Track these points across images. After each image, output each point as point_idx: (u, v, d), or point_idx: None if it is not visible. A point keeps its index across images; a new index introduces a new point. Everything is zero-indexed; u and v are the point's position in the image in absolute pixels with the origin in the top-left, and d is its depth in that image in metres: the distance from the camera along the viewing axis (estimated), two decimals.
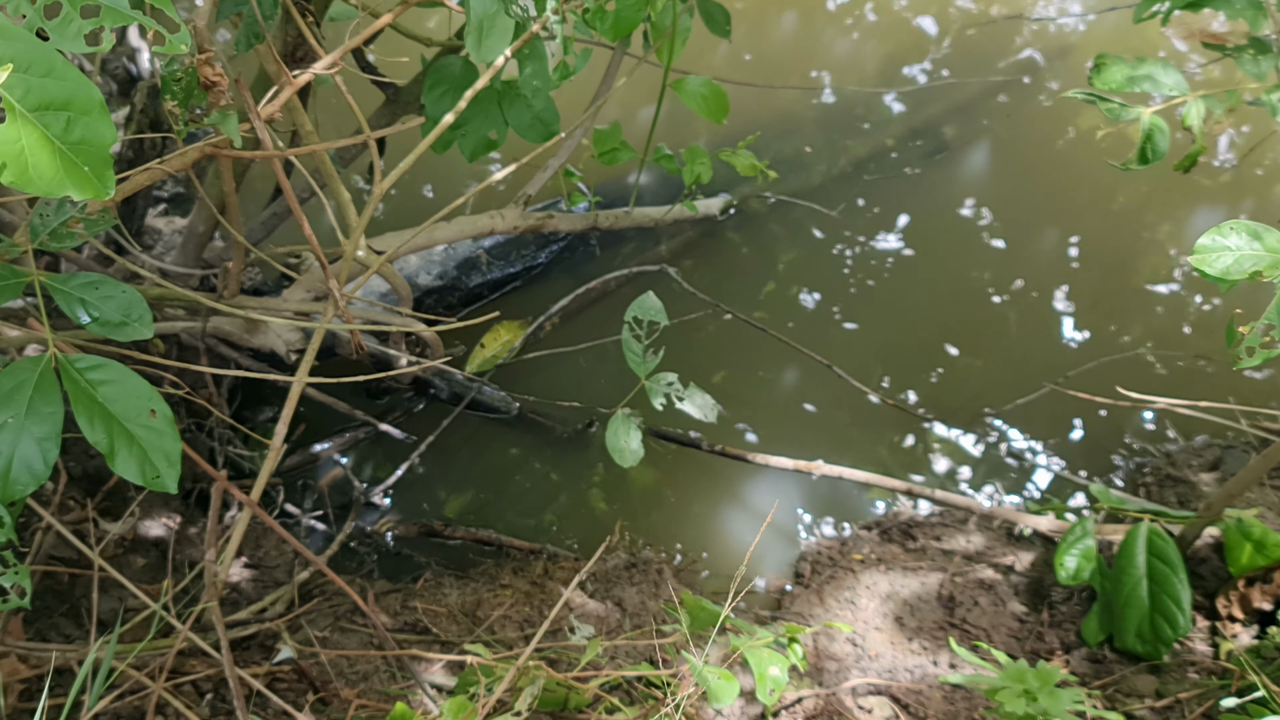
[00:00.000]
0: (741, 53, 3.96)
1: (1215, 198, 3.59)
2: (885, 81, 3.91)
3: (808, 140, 3.71)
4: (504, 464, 2.94)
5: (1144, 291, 3.34)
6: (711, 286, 3.23)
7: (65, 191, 1.07)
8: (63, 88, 1.07)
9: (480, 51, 1.79)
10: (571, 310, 3.18)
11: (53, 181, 1.07)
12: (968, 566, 2.66)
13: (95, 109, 1.09)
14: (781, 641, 1.99)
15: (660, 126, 2.76)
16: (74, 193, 1.08)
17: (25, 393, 1.41)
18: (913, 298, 3.33)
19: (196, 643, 1.94)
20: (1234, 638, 2.32)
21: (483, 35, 1.79)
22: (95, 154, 1.09)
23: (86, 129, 1.08)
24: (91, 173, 1.09)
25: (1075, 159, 3.69)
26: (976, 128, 3.79)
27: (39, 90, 1.05)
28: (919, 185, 3.63)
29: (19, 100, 1.04)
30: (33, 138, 1.05)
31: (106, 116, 1.10)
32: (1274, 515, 2.56)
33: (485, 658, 1.79)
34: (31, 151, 1.05)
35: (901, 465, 2.97)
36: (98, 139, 1.09)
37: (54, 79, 1.06)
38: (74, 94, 1.08)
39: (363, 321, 2.61)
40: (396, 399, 3.00)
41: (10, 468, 1.38)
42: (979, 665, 1.98)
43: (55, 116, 1.07)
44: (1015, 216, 3.53)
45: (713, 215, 3.47)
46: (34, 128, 1.05)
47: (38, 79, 1.05)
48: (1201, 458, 2.92)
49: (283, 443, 1.96)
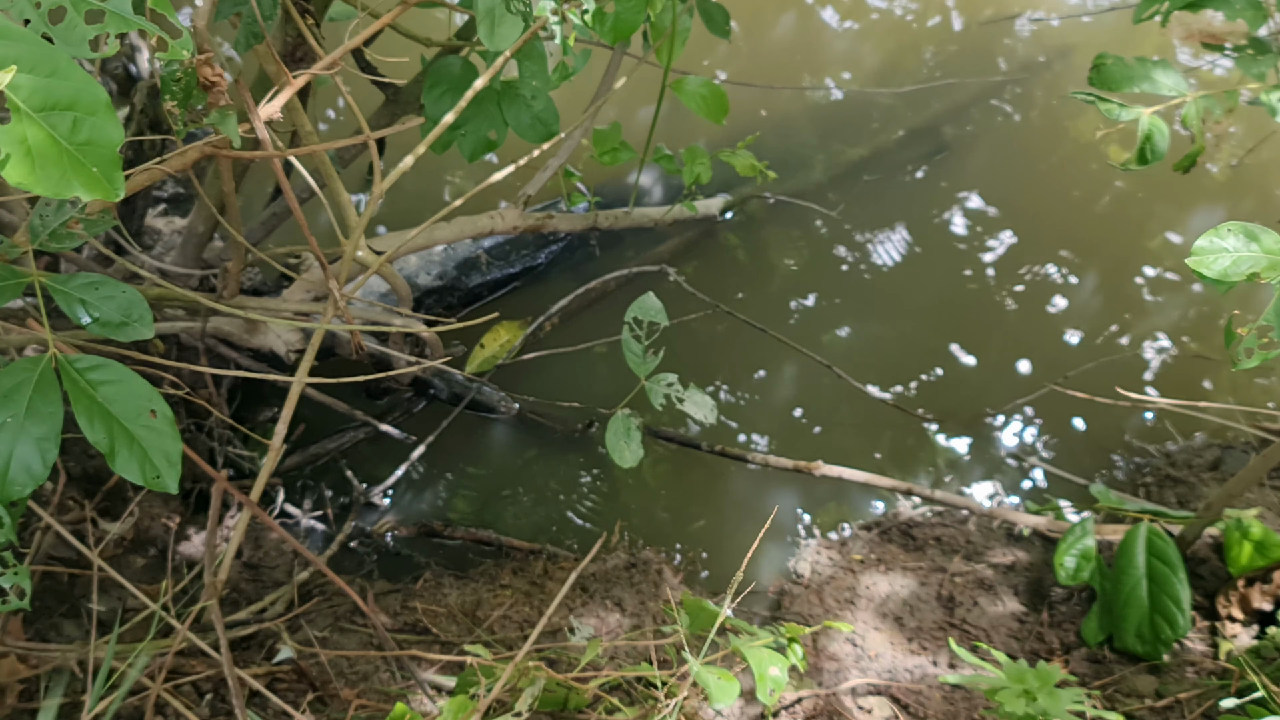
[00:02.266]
0: (741, 52, 3.96)
1: (1214, 198, 3.60)
2: (885, 81, 3.91)
3: (807, 140, 3.72)
4: (504, 464, 2.94)
5: (1143, 292, 3.34)
6: (711, 287, 3.22)
7: (73, 192, 1.07)
8: (68, 88, 1.06)
9: (494, 40, 1.81)
10: (571, 310, 3.17)
11: (60, 182, 1.06)
12: (967, 566, 2.66)
13: (101, 109, 1.08)
14: (781, 642, 2.00)
15: (660, 126, 2.76)
16: (82, 193, 1.07)
17: (25, 393, 1.41)
18: (913, 298, 3.33)
19: (195, 643, 1.94)
20: (1234, 638, 2.32)
21: (494, 24, 1.81)
22: (103, 154, 1.09)
23: (93, 129, 1.08)
24: (100, 173, 1.08)
25: (1075, 159, 3.69)
26: (977, 128, 3.79)
27: (44, 91, 1.05)
28: (919, 185, 3.63)
29: (24, 101, 1.04)
30: (39, 138, 1.05)
31: (113, 116, 1.09)
32: (1274, 515, 2.56)
33: (485, 658, 1.79)
34: (38, 152, 1.05)
35: (901, 465, 2.97)
36: (105, 139, 1.09)
37: (59, 79, 1.06)
38: (80, 94, 1.07)
39: (362, 322, 2.61)
40: (396, 399, 2.99)
41: (8, 468, 1.38)
42: (979, 665, 1.98)
43: (61, 117, 1.06)
44: (1016, 215, 3.53)
45: (713, 215, 3.47)
46: (40, 128, 1.05)
47: (43, 79, 1.05)
48: (1201, 458, 2.92)
49: (283, 443, 1.95)
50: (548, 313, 3.12)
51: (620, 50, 2.70)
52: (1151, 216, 3.55)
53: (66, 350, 1.50)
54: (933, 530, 2.81)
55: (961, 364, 3.18)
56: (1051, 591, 2.57)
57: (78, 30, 1.17)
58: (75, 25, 1.17)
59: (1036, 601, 2.57)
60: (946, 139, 3.76)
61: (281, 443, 1.95)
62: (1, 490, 1.37)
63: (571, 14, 1.98)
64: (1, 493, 1.37)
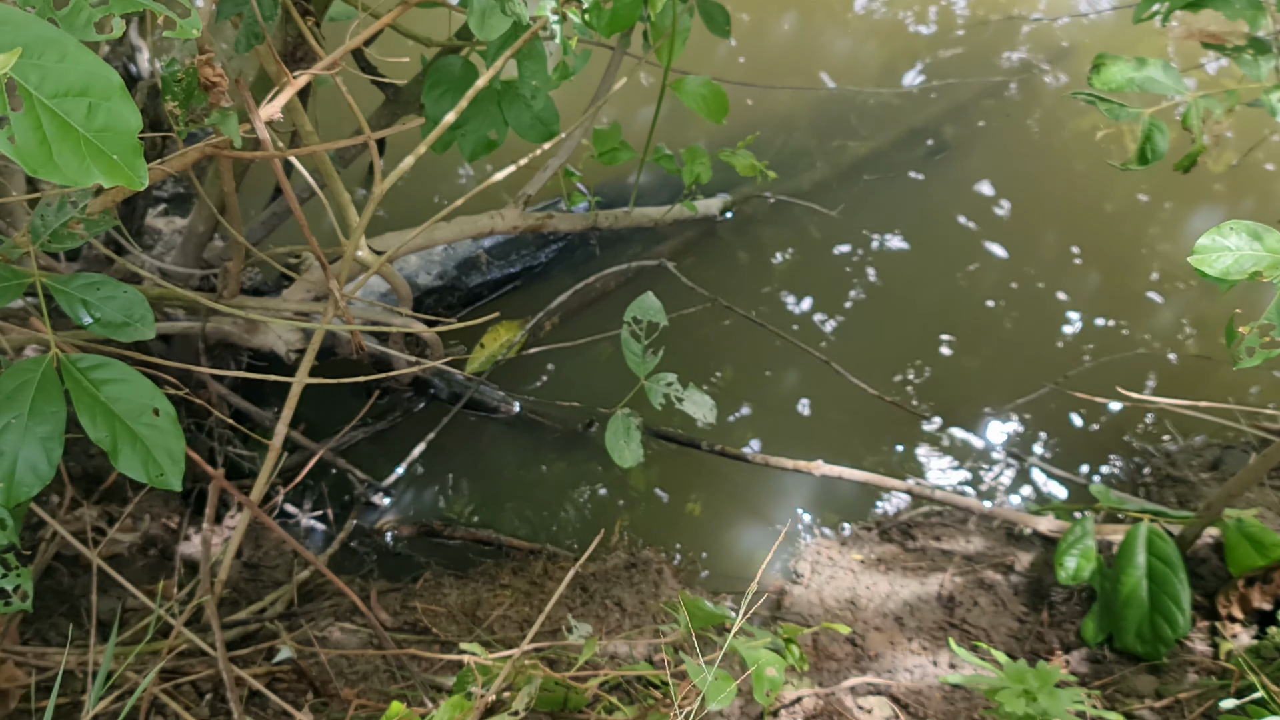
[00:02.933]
0: (740, 53, 3.96)
1: (1215, 198, 3.60)
2: (885, 82, 3.91)
3: (807, 140, 3.72)
4: (504, 464, 2.94)
5: (1144, 291, 3.35)
6: (712, 285, 3.22)
7: (94, 180, 1.03)
8: (79, 73, 1.03)
9: (484, 30, 1.83)
10: (571, 309, 3.18)
11: (79, 170, 1.03)
12: (968, 567, 2.67)
13: (116, 93, 1.05)
14: (779, 643, 2.00)
15: (660, 126, 2.77)
16: (104, 180, 1.03)
17: (28, 393, 1.41)
18: (913, 297, 3.33)
19: (194, 641, 1.94)
20: (1233, 638, 2.32)
21: (484, 18, 1.84)
22: (122, 140, 1.05)
23: (109, 115, 1.04)
24: (121, 160, 1.05)
25: (1076, 159, 3.70)
26: (976, 128, 3.80)
27: (55, 76, 1.01)
28: (919, 185, 3.63)
29: (35, 88, 1.00)
30: (54, 126, 1.02)
31: (129, 101, 1.05)
32: (1274, 515, 2.56)
33: (483, 657, 1.79)
34: (55, 140, 1.01)
35: (901, 465, 2.97)
36: (123, 125, 1.05)
37: (69, 64, 1.02)
38: (91, 79, 1.03)
39: (362, 322, 2.61)
40: (396, 399, 3.00)
41: (15, 469, 1.38)
42: (979, 665, 1.98)
43: (75, 103, 1.02)
44: (1016, 216, 3.53)
45: (713, 215, 3.47)
46: (54, 115, 1.01)
47: (53, 65, 1.01)
48: (1201, 457, 2.92)
49: (283, 443, 1.96)
50: (548, 309, 3.12)
51: (620, 50, 2.70)
52: (1151, 216, 3.55)
53: (68, 350, 1.50)
54: (933, 530, 2.81)
55: (961, 363, 3.19)
56: (1052, 591, 2.57)
57: (83, 13, 1.15)
58: (80, 8, 1.15)
59: (1036, 601, 2.57)
60: (947, 138, 3.76)
61: (281, 443, 1.96)
62: (9, 492, 1.37)
63: (572, 13, 1.99)
64: (9, 495, 1.37)
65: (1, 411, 1.40)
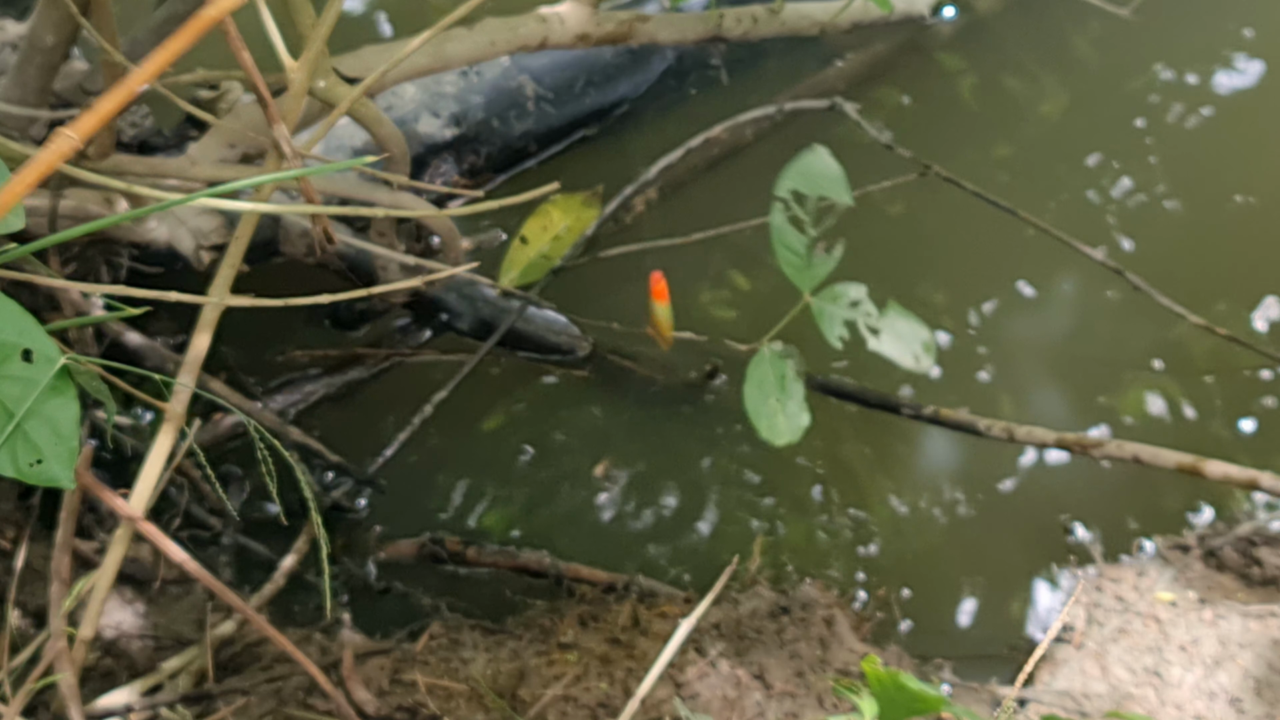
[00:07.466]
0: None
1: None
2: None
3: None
4: (563, 440, 2.99)
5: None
6: (918, 139, 3.21)
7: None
8: None
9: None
10: (679, 178, 3.22)
11: None
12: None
13: None
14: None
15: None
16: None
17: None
18: (1263, 165, 3.37)
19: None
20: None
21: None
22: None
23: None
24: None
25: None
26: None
27: None
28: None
29: None
30: None
31: None
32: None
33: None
34: None
35: (1244, 444, 3.00)
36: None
37: None
38: None
39: (327, 198, 2.60)
40: (383, 328, 3.04)
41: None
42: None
43: None
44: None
45: (919, 16, 3.52)
46: None
47: None
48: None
49: (189, 404, 1.95)
50: (638, 180, 3.12)
51: None
52: None
53: None
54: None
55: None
56: None
57: None
58: None
59: None
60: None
61: (184, 408, 1.96)
62: None
63: None
64: None
65: None
